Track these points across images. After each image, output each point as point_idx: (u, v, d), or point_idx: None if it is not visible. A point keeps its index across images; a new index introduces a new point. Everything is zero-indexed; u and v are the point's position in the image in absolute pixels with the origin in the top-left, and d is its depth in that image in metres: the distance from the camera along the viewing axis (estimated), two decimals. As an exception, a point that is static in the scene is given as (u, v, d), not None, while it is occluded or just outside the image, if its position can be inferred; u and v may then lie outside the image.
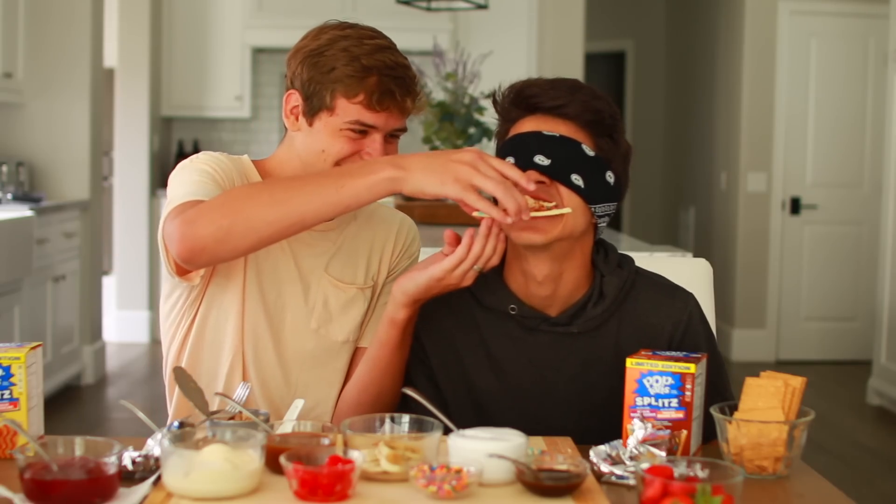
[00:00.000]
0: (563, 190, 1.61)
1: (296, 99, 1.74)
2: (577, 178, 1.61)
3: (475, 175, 1.46)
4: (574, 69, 6.40)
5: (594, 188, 1.63)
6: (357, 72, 1.66)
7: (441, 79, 4.36)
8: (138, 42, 6.46)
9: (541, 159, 1.60)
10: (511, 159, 1.63)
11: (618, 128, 1.68)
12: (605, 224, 1.70)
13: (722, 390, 1.71)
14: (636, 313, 1.71)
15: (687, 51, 7.88)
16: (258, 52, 7.01)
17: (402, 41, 6.97)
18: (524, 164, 1.60)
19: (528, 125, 1.66)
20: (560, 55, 6.49)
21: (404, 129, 1.75)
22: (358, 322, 1.85)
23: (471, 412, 1.71)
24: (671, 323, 1.71)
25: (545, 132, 1.63)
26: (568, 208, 1.60)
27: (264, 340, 1.80)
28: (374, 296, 1.88)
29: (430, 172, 1.46)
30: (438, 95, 4.39)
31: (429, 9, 5.35)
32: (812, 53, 6.51)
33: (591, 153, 1.63)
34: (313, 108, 1.71)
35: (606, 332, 1.70)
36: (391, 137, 1.74)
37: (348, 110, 1.68)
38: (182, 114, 6.96)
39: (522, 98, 1.67)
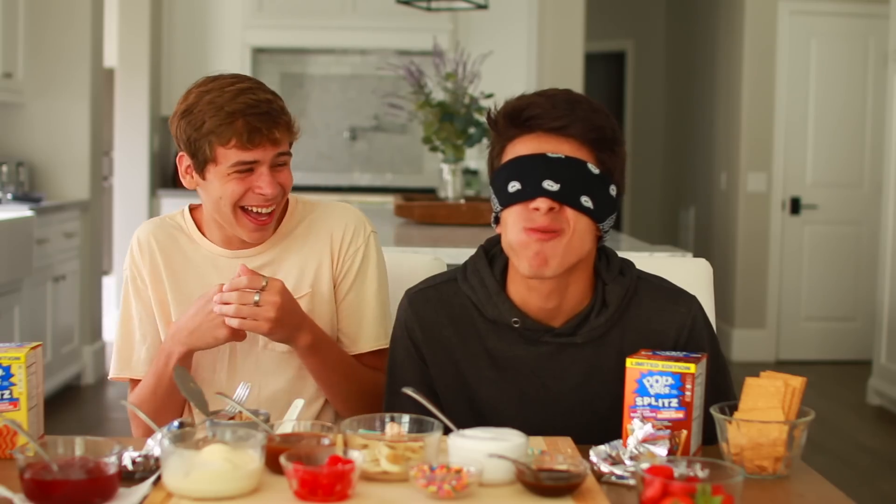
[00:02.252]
0: (571, 213, 1.60)
1: (186, 160, 1.85)
2: (586, 200, 1.60)
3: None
4: (574, 69, 6.40)
5: (601, 206, 1.62)
6: (224, 119, 1.77)
7: (441, 79, 4.36)
8: (138, 42, 6.46)
9: (549, 184, 1.58)
10: (517, 184, 1.61)
11: (618, 140, 1.66)
12: (608, 236, 1.69)
13: (725, 390, 1.70)
14: (640, 320, 1.70)
15: (687, 51, 7.88)
16: (258, 52, 7.01)
17: (402, 41, 6.99)
18: (533, 191, 1.59)
19: (528, 145, 1.63)
20: (560, 55, 6.49)
21: (288, 154, 1.86)
22: None
23: (472, 423, 1.67)
24: (675, 328, 1.70)
25: (550, 154, 1.60)
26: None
27: (220, 368, 1.94)
28: (321, 302, 1.93)
29: (200, 334, 1.79)
30: (438, 95, 4.38)
31: (429, 9, 5.34)
32: (812, 53, 6.51)
33: (595, 171, 1.62)
34: (200, 164, 1.83)
35: (610, 340, 1.69)
36: (278, 166, 1.84)
37: (227, 156, 1.79)
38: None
39: (522, 119, 1.64)
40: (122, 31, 6.45)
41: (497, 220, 1.68)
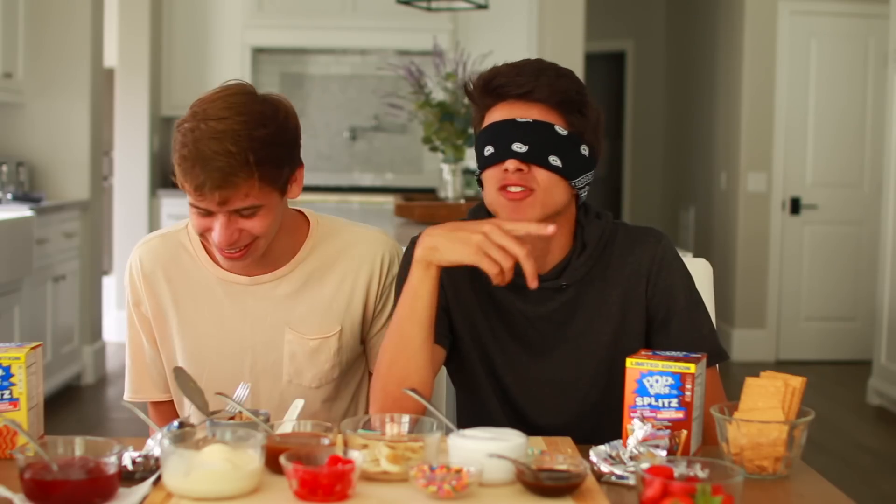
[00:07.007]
0: (540, 172, 1.69)
1: None
2: (554, 159, 1.69)
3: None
4: (574, 69, 6.34)
5: (571, 164, 1.71)
6: (181, 160, 1.65)
7: (441, 79, 4.36)
8: (138, 42, 6.46)
9: (518, 146, 1.68)
10: (490, 148, 1.71)
11: (585, 102, 1.75)
12: (585, 193, 1.78)
13: (701, 325, 1.77)
14: (615, 257, 1.79)
15: (687, 51, 7.88)
16: (258, 52, 7.01)
17: (402, 41, 6.99)
18: (503, 153, 1.69)
19: (500, 112, 1.73)
20: (560, 55, 6.48)
21: (258, 206, 1.67)
22: (328, 365, 1.87)
23: (480, 367, 1.79)
24: (647, 258, 1.79)
25: (518, 119, 1.70)
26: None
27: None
28: (350, 335, 1.87)
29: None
30: (438, 95, 4.38)
31: (429, 9, 5.34)
32: (812, 53, 6.51)
33: (563, 132, 1.71)
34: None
35: (591, 279, 1.78)
36: (244, 216, 1.68)
37: (186, 191, 1.68)
38: (182, 114, 6.90)
39: (492, 88, 1.74)
40: (122, 31, 6.45)
41: (480, 184, 1.78)
